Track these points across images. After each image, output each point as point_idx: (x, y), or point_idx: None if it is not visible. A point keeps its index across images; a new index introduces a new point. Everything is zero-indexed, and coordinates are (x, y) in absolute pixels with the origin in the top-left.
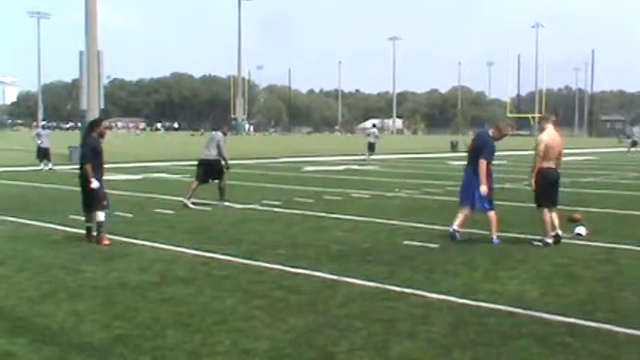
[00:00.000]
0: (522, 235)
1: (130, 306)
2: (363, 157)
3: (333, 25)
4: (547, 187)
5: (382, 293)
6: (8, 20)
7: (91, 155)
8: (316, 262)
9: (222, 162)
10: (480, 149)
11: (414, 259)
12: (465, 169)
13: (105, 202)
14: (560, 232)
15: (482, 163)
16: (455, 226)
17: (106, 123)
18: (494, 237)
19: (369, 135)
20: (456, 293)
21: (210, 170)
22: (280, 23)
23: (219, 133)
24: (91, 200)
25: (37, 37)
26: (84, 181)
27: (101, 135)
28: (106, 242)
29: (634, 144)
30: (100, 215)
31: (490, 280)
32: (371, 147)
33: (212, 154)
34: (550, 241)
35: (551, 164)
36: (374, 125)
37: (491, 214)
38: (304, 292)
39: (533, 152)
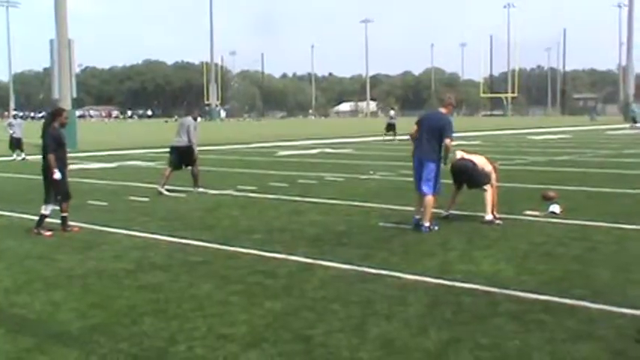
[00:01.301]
0: (498, 215)
1: (106, 294)
2: (388, 138)
3: (306, 9)
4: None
5: (358, 275)
6: None
7: (54, 146)
8: (292, 246)
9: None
10: (441, 129)
11: (390, 241)
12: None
13: (59, 197)
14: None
15: (449, 142)
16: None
17: (66, 113)
18: (426, 224)
19: (392, 118)
20: (431, 273)
21: (182, 156)
22: (253, 8)
23: (190, 119)
24: (49, 188)
25: (6, 26)
26: (47, 173)
27: (62, 125)
28: (47, 234)
29: (634, 120)
30: (46, 208)
31: (465, 260)
32: (390, 127)
33: (183, 140)
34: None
35: None
36: (392, 109)
37: (430, 198)
38: (280, 276)
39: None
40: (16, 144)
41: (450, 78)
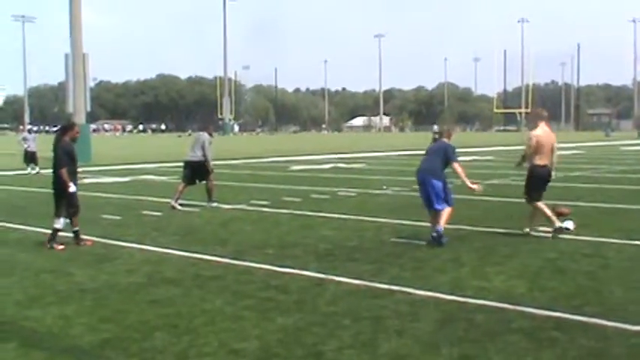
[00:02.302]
0: (509, 231)
1: (118, 308)
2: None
3: (319, 24)
4: (538, 183)
5: (370, 291)
6: None
7: (66, 160)
8: (304, 261)
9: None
10: (445, 153)
11: (401, 257)
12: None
13: (72, 211)
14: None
15: (458, 165)
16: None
17: (77, 127)
18: (440, 228)
19: (435, 132)
20: (443, 290)
21: (196, 171)
22: (266, 23)
23: (205, 134)
24: (61, 203)
25: (22, 40)
26: (58, 187)
27: (73, 139)
28: (60, 248)
29: None
30: (58, 222)
31: (477, 276)
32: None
33: (197, 155)
34: (563, 225)
35: (544, 161)
36: (435, 123)
37: (448, 209)
38: (292, 292)
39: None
40: (30, 158)
41: (463, 93)
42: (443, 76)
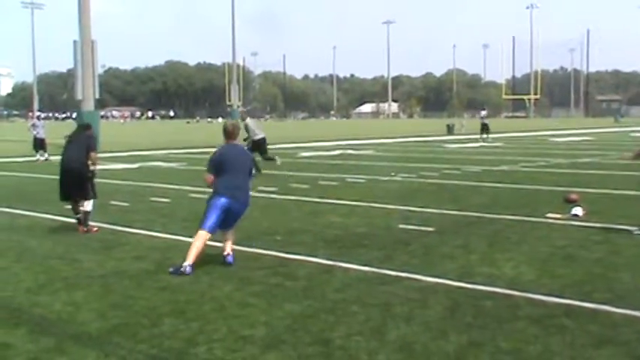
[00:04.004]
0: (518, 218)
1: (126, 295)
2: (481, 137)
3: (328, 10)
4: None
5: (378, 277)
6: (2, 11)
7: (96, 145)
8: (312, 248)
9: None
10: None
11: (410, 243)
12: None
13: (78, 198)
14: None
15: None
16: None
17: (91, 131)
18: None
19: (482, 117)
20: (452, 276)
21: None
22: (274, 9)
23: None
24: (84, 189)
25: (31, 27)
26: (78, 170)
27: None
28: (95, 230)
29: None
30: (89, 205)
31: (486, 263)
32: (484, 127)
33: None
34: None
35: None
36: (483, 109)
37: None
38: (300, 278)
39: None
40: (39, 144)
41: (471, 79)
42: (451, 63)
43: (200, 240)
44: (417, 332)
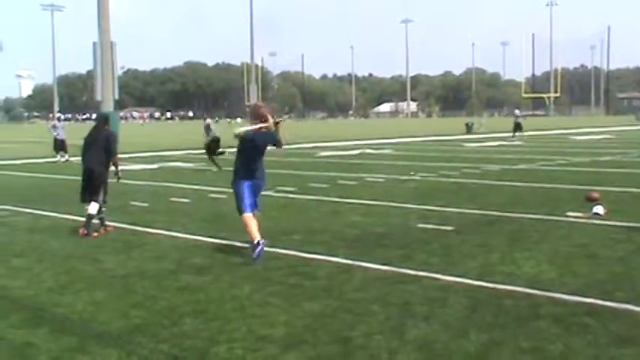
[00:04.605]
0: (538, 216)
1: (147, 295)
2: (513, 136)
3: (346, 10)
4: None
5: (398, 277)
6: (23, 14)
7: (116, 148)
8: (331, 247)
9: None
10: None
11: (430, 242)
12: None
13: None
14: None
15: None
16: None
17: (109, 127)
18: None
19: (516, 116)
20: (472, 275)
21: None
22: (293, 9)
23: None
24: (96, 191)
25: (51, 29)
26: (97, 171)
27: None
28: (95, 235)
29: None
30: (94, 207)
31: (506, 262)
32: (517, 127)
33: None
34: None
35: None
36: (517, 109)
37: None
38: (320, 278)
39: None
40: (60, 146)
41: (491, 78)
42: (470, 61)
43: (250, 221)
44: (437, 331)
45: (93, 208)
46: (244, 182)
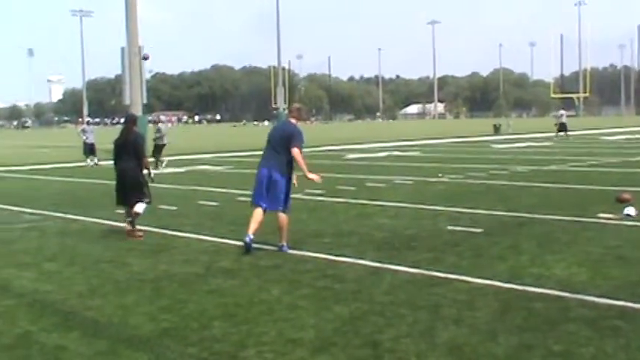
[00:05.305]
0: (568, 218)
1: (176, 298)
2: (556, 135)
3: (372, 11)
4: None
5: (427, 279)
6: (53, 20)
7: (144, 149)
8: (360, 250)
9: None
10: (290, 138)
11: (459, 245)
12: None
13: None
14: None
15: (298, 152)
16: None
17: (137, 128)
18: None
19: (560, 117)
20: (501, 278)
21: None
22: (319, 12)
23: None
24: (139, 193)
25: (80, 35)
26: (132, 175)
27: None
28: (140, 235)
29: None
30: (141, 207)
31: (537, 264)
32: (563, 127)
33: None
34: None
35: None
36: (562, 108)
37: (284, 216)
38: (349, 280)
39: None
40: (89, 150)
41: (518, 78)
42: (498, 62)
43: (253, 214)
44: (466, 334)
45: (139, 207)
46: (258, 170)
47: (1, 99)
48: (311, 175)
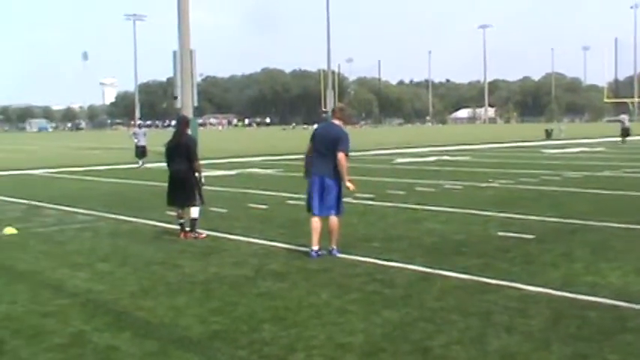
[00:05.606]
0: (624, 225)
1: (226, 301)
2: (622, 141)
3: (423, 15)
4: None
5: (478, 286)
6: (107, 24)
7: (197, 152)
8: (410, 255)
9: None
10: (336, 142)
11: (510, 251)
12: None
13: (190, 202)
14: None
15: (343, 157)
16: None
17: (189, 130)
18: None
19: (622, 122)
20: (554, 285)
21: None
22: (369, 16)
23: None
24: (190, 195)
25: (133, 38)
26: (185, 177)
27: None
28: (203, 236)
29: None
30: (195, 211)
31: (591, 272)
32: (625, 132)
33: None
34: None
35: None
36: (623, 112)
37: (335, 220)
38: (398, 286)
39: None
40: (140, 152)
41: (571, 83)
42: (550, 66)
43: (311, 224)
44: (518, 342)
45: (194, 212)
46: (309, 177)
47: (57, 101)
48: (348, 184)
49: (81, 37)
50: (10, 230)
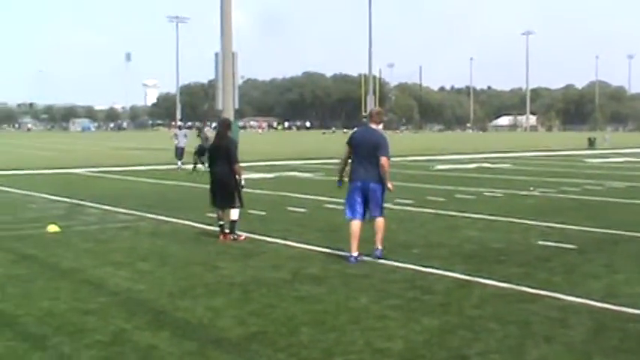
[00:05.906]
0: None
1: (265, 303)
2: None
3: (465, 21)
4: None
5: (517, 295)
6: (150, 26)
7: (237, 154)
8: (449, 262)
9: None
10: (377, 147)
11: (550, 260)
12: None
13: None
14: None
15: (387, 161)
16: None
17: (231, 132)
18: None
19: None
20: (595, 296)
21: None
22: (411, 21)
23: None
24: (230, 197)
25: (175, 40)
26: (225, 180)
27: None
28: (242, 238)
29: None
30: (235, 213)
31: (633, 284)
32: None
33: None
34: None
35: None
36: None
37: (381, 220)
38: (437, 292)
39: None
40: (180, 153)
41: (615, 91)
42: (594, 75)
43: (350, 228)
44: (558, 353)
45: (234, 214)
46: (350, 184)
47: (100, 101)
48: (389, 185)
49: (124, 38)
50: (53, 228)
